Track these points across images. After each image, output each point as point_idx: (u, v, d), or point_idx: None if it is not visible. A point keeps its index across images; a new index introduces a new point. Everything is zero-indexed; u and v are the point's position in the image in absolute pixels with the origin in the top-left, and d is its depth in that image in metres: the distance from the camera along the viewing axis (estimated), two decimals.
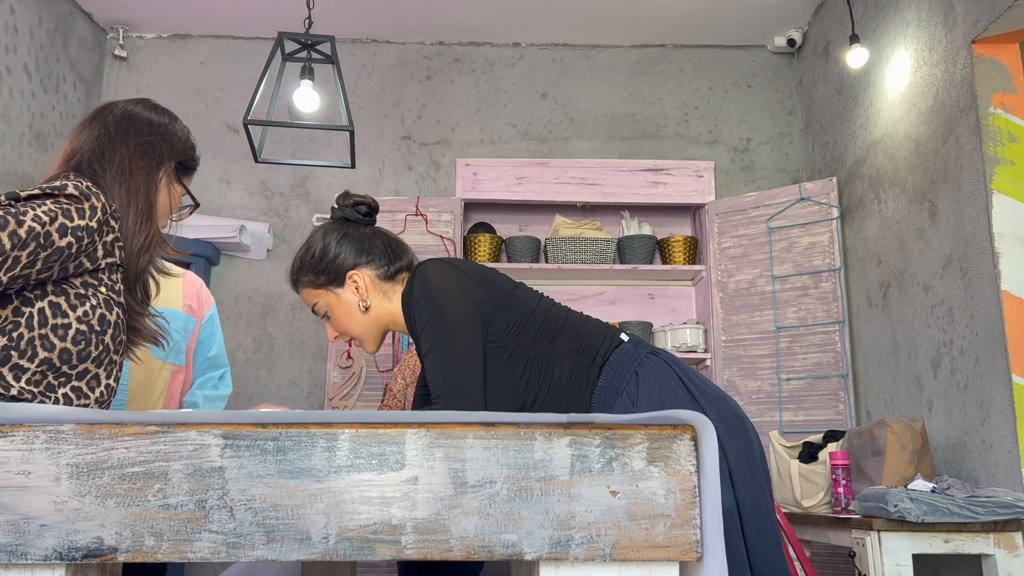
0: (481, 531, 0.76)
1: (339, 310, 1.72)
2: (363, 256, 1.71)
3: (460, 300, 1.54)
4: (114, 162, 1.52)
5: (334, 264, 1.70)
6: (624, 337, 1.61)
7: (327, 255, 1.71)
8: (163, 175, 1.60)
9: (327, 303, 1.73)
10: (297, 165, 3.85)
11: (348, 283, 1.71)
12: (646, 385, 1.51)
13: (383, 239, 1.75)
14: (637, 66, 4.29)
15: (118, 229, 1.47)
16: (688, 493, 0.78)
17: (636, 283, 4.09)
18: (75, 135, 1.56)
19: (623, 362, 1.55)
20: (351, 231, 1.74)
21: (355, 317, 1.72)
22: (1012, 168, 2.57)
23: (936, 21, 2.90)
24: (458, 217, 3.85)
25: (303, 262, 1.74)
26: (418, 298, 1.57)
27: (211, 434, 0.77)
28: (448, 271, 1.58)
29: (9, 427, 0.76)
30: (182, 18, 4.11)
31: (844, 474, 2.65)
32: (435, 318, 1.53)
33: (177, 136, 1.65)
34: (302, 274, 1.74)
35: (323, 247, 1.72)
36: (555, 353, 1.56)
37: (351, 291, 1.71)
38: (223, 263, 4.02)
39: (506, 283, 1.63)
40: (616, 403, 1.52)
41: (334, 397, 3.61)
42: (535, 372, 1.55)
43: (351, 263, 1.71)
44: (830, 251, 3.60)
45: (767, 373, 3.66)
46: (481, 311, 1.54)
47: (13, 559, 0.74)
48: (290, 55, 3.01)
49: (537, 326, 1.58)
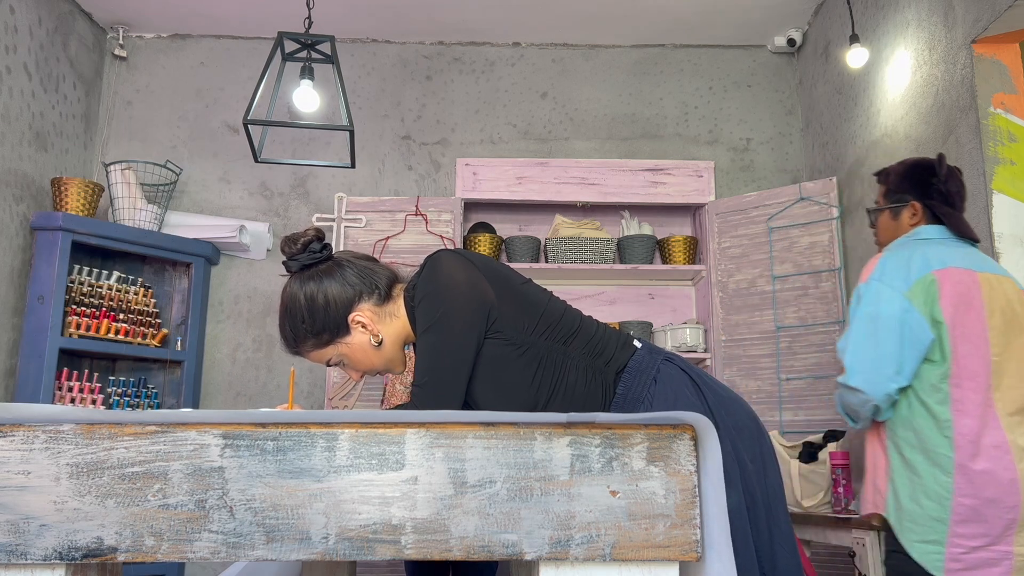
0: (481, 531, 0.76)
1: (355, 355, 1.62)
2: (350, 293, 1.59)
3: (464, 293, 1.48)
4: None
5: (329, 317, 1.57)
6: (637, 344, 1.58)
7: (316, 311, 1.57)
8: None
9: (339, 354, 1.62)
10: (297, 165, 3.85)
11: (353, 327, 1.59)
12: (662, 392, 1.49)
13: (352, 268, 1.61)
14: (637, 66, 4.29)
15: None
16: (688, 493, 0.78)
17: (636, 283, 4.09)
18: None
19: (641, 369, 1.52)
20: (323, 276, 1.59)
21: (374, 354, 1.62)
22: (1012, 168, 2.57)
23: (936, 21, 2.90)
24: (458, 217, 3.85)
25: (296, 330, 1.59)
26: (422, 285, 1.52)
27: (211, 434, 0.77)
28: (458, 263, 1.52)
29: (9, 427, 0.76)
30: (182, 18, 4.11)
31: (844, 474, 2.65)
32: (434, 308, 1.48)
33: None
34: (301, 343, 1.61)
35: (308, 306, 1.58)
36: (570, 356, 1.52)
37: (359, 333, 1.60)
38: (223, 263, 4.02)
39: (517, 279, 1.58)
40: (638, 410, 1.49)
41: (334, 397, 3.61)
42: (548, 373, 1.51)
43: (346, 306, 1.58)
44: (830, 251, 3.60)
45: (767, 373, 3.66)
46: (485, 308, 1.49)
47: (13, 559, 0.74)
48: (290, 55, 3.01)
49: (551, 326, 1.53)
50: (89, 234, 3.52)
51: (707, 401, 1.49)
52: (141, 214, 3.74)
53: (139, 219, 3.73)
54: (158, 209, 3.81)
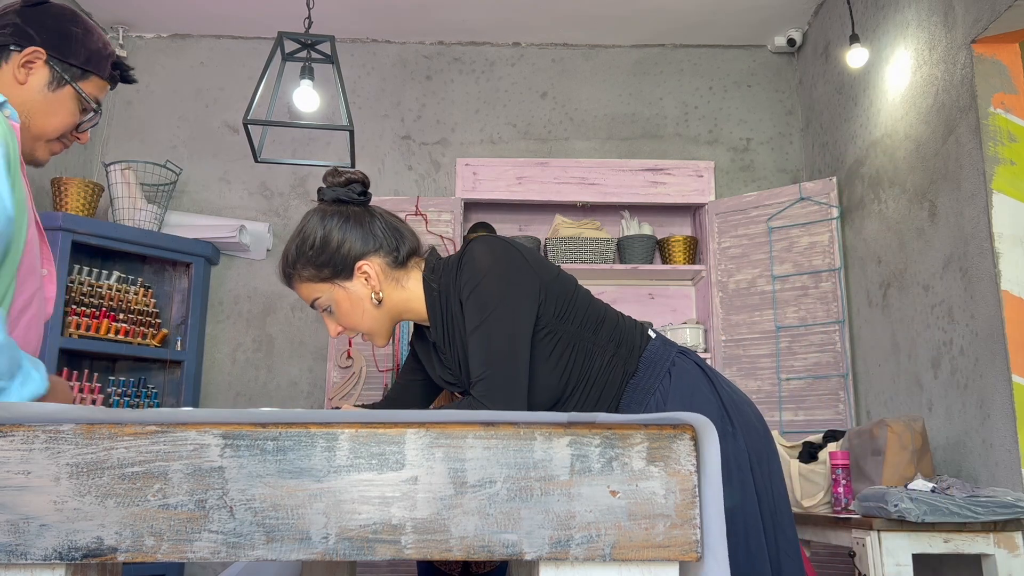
0: (481, 531, 0.76)
1: (346, 304, 1.55)
2: (370, 243, 1.54)
3: (512, 283, 1.44)
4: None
5: (338, 255, 1.52)
6: (652, 334, 1.57)
7: (329, 244, 1.52)
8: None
9: (332, 298, 1.55)
10: (297, 165, 3.85)
11: (357, 275, 1.54)
12: (678, 386, 1.48)
13: (382, 221, 1.57)
14: (637, 66, 4.29)
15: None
16: (688, 493, 0.78)
17: (636, 283, 4.10)
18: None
19: (656, 360, 1.51)
20: (351, 215, 1.55)
21: (367, 311, 1.55)
22: (1012, 168, 2.57)
23: (936, 21, 2.90)
24: (458, 217, 3.85)
25: (300, 253, 1.54)
26: (472, 274, 1.46)
27: (211, 434, 0.77)
28: (506, 252, 1.47)
29: (9, 427, 0.76)
30: (182, 18, 4.11)
31: (844, 474, 2.65)
32: (484, 300, 1.43)
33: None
34: (299, 267, 1.54)
35: (323, 235, 1.52)
36: (598, 343, 1.50)
37: (361, 283, 1.54)
38: (223, 263, 4.02)
39: (553, 267, 1.55)
40: (648, 401, 1.49)
41: (334, 397, 3.61)
42: (578, 361, 1.49)
43: (358, 252, 1.53)
44: (830, 251, 3.60)
45: (767, 373, 3.66)
46: (535, 296, 1.45)
47: (13, 559, 0.74)
48: (290, 55, 3.01)
49: (582, 314, 1.51)
50: (89, 234, 3.51)
51: (721, 398, 1.48)
52: (141, 214, 3.74)
53: (139, 219, 3.73)
54: (158, 209, 3.81)
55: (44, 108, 1.52)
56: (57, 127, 1.53)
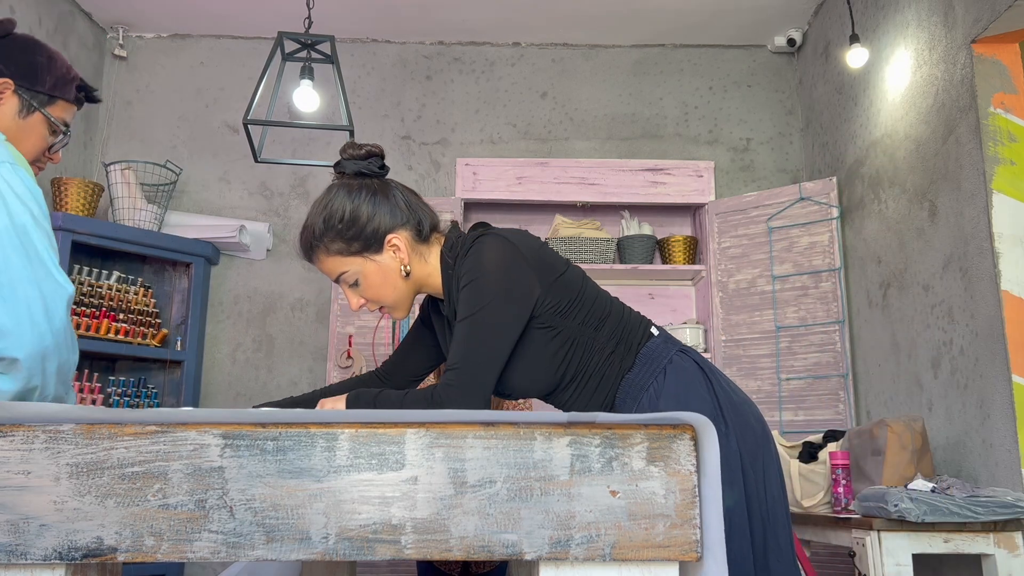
0: (481, 531, 0.76)
1: (376, 277, 1.56)
2: (398, 217, 1.55)
3: (509, 290, 1.45)
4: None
5: (368, 228, 1.53)
6: (654, 331, 1.57)
7: (359, 219, 1.53)
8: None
9: (360, 271, 1.56)
10: (297, 165, 3.85)
11: (387, 248, 1.55)
12: (672, 384, 1.48)
13: (403, 195, 1.60)
14: (637, 66, 4.29)
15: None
16: (688, 493, 0.78)
17: (636, 283, 4.09)
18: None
19: (653, 357, 1.52)
20: (377, 188, 1.57)
21: (395, 284, 1.57)
22: (1012, 168, 2.57)
23: (936, 21, 2.90)
24: (458, 217, 3.85)
25: (328, 226, 1.53)
26: (469, 269, 1.48)
27: (211, 434, 0.77)
28: (508, 252, 1.47)
29: (9, 427, 0.76)
30: (182, 18, 4.11)
31: (844, 474, 2.65)
32: (478, 296, 1.44)
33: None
34: (327, 241, 1.54)
35: (353, 209, 1.53)
36: (599, 340, 1.52)
37: (390, 256, 1.55)
38: (223, 263, 4.02)
39: (559, 264, 1.55)
40: (641, 397, 1.49)
41: None
42: (576, 355, 1.50)
43: (388, 226, 1.54)
44: (830, 251, 3.60)
45: (767, 373, 3.66)
46: (528, 305, 1.47)
47: (13, 559, 0.74)
48: (290, 55, 3.01)
49: (587, 310, 1.52)
50: (89, 234, 3.51)
51: (717, 398, 1.48)
52: (141, 214, 3.74)
53: (139, 219, 3.73)
54: (158, 209, 3.81)
55: (17, 135, 1.63)
56: (31, 151, 1.67)
